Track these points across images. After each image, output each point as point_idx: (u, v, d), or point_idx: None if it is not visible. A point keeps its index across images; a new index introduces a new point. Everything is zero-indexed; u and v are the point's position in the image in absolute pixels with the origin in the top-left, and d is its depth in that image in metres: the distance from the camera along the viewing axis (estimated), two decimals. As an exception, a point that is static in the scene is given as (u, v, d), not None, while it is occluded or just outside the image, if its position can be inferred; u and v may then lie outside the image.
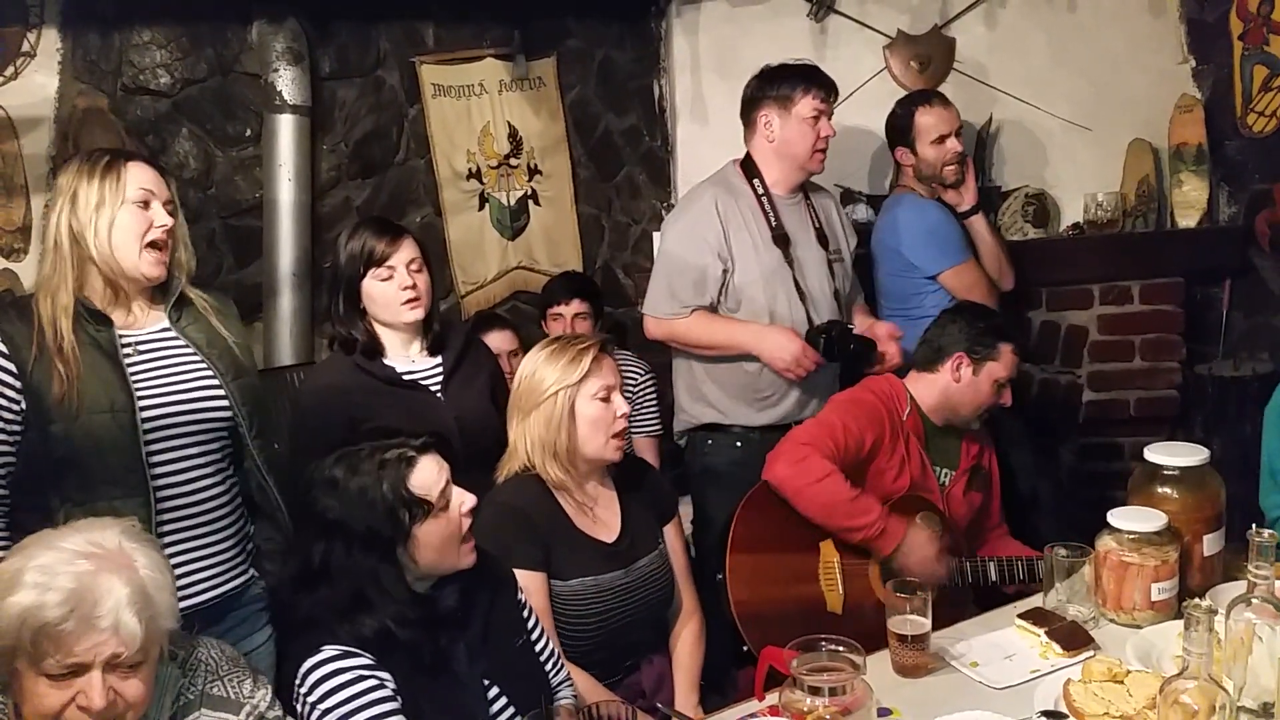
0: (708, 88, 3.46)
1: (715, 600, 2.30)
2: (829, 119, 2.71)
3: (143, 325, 1.93)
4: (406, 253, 2.26)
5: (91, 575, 1.35)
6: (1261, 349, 3.59)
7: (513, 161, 3.46)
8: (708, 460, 2.83)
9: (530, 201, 3.50)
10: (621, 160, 3.61)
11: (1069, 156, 3.52)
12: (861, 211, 3.47)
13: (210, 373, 1.95)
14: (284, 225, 3.13)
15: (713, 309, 2.71)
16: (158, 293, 1.97)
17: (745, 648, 2.21)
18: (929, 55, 3.47)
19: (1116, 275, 3.49)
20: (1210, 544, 2.02)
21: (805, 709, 1.54)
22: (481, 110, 3.42)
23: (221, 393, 1.95)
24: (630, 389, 3.18)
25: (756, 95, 2.73)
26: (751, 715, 1.70)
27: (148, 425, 1.85)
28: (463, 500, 1.71)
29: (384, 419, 2.05)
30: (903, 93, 3.28)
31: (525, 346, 2.90)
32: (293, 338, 3.15)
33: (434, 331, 2.34)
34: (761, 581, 2.30)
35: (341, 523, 1.63)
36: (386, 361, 2.28)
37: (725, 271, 2.68)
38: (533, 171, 3.48)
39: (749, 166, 2.76)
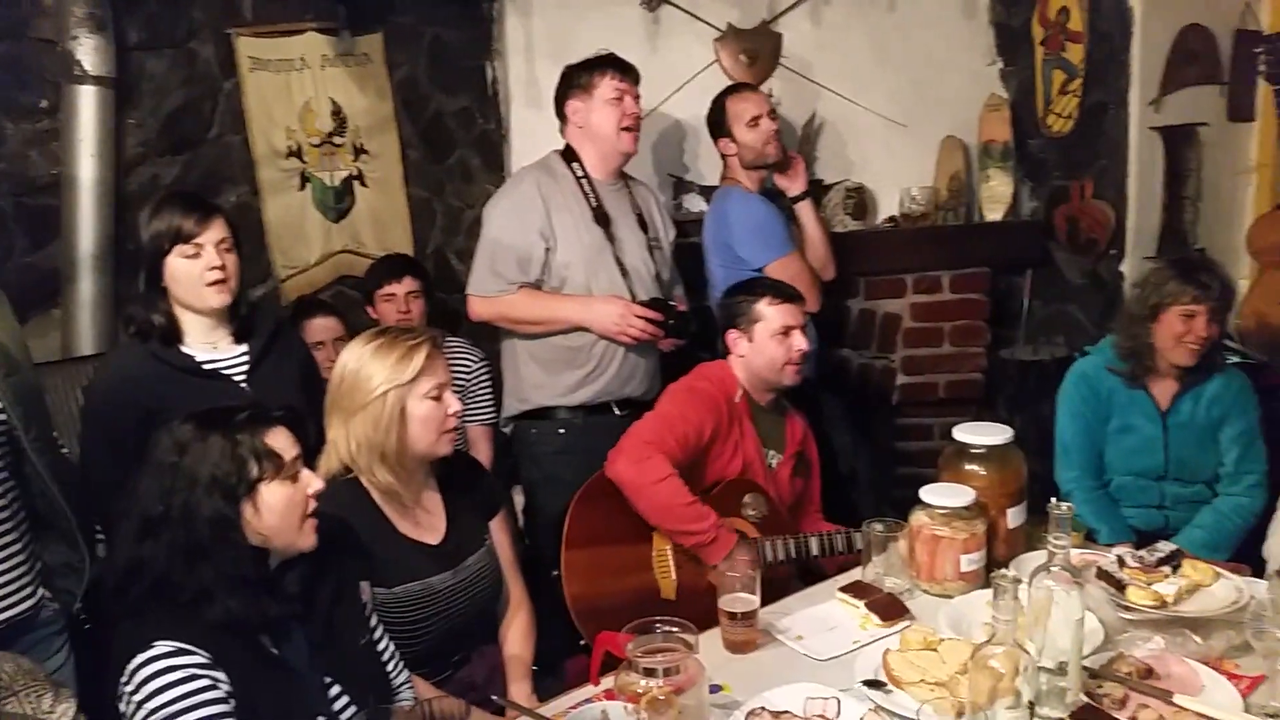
0: (542, 72, 3.43)
1: (551, 593, 2.29)
2: (635, 99, 2.82)
3: None
4: (217, 232, 2.13)
5: None
6: (1058, 334, 3.87)
7: (336, 140, 3.33)
8: (533, 449, 2.86)
9: (356, 182, 3.38)
10: (454, 142, 3.53)
11: (887, 152, 3.66)
12: (694, 202, 3.52)
13: None
14: (85, 204, 2.91)
15: (537, 288, 2.76)
16: None
17: (582, 642, 2.22)
18: (757, 50, 3.55)
19: (928, 265, 3.66)
20: (1014, 517, 2.16)
21: (640, 690, 1.55)
22: (303, 86, 3.28)
23: None
24: (464, 378, 3.13)
25: (562, 89, 2.86)
26: (587, 700, 1.71)
27: None
28: (310, 481, 1.65)
29: (181, 412, 1.93)
30: (733, 85, 3.35)
31: (352, 333, 2.81)
32: (94, 325, 2.93)
33: (240, 317, 2.21)
34: (596, 575, 2.31)
35: (187, 468, 1.56)
36: (185, 349, 2.15)
37: (548, 250, 2.75)
38: (358, 151, 3.36)
39: (569, 153, 2.85)
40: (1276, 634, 1.60)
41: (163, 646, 1.49)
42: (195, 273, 2.10)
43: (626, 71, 2.82)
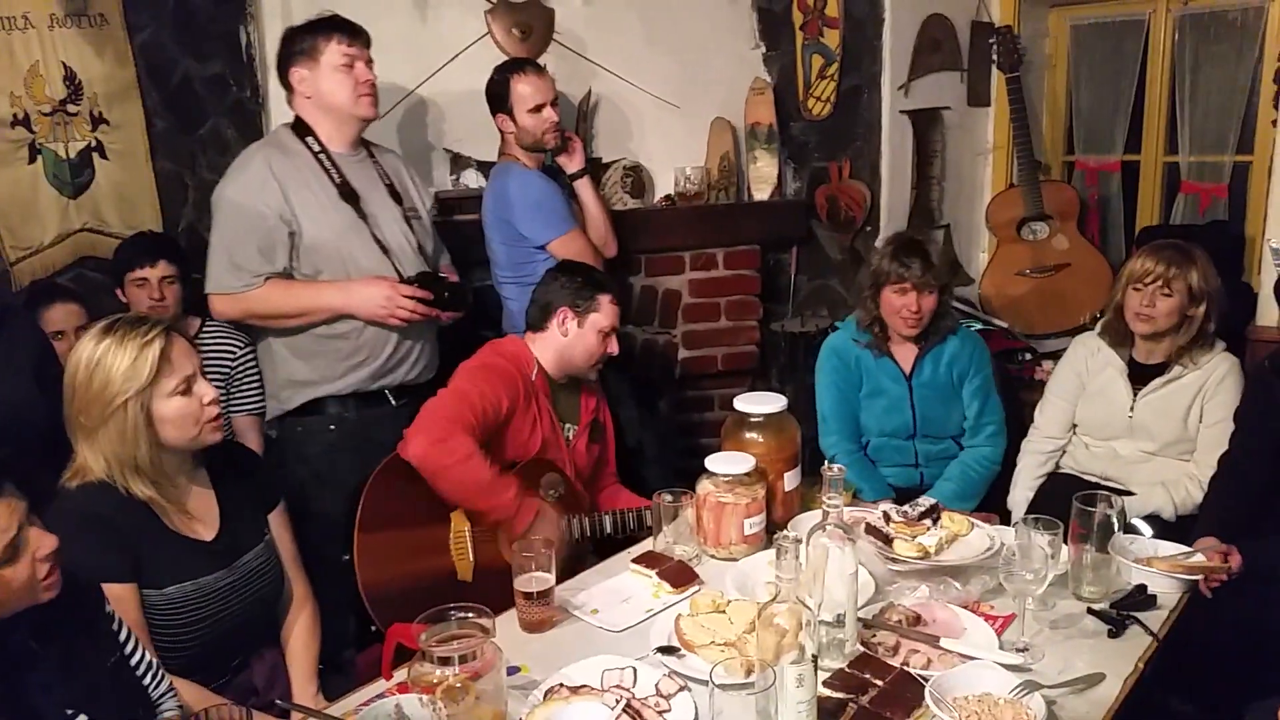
0: (303, 39, 3.24)
1: (340, 583, 2.19)
2: (367, 64, 2.64)
3: None
4: None
5: None
6: (822, 307, 4.10)
7: (71, 108, 3.01)
8: (302, 449, 2.67)
9: (95, 154, 3.08)
10: (206, 111, 3.28)
11: (661, 132, 3.72)
12: (471, 177, 3.45)
13: None
14: None
15: (287, 277, 2.57)
16: None
17: (374, 628, 2.14)
18: (530, 24, 3.50)
19: (704, 243, 3.76)
20: (790, 480, 2.26)
21: (435, 680, 1.51)
22: (28, 47, 2.94)
23: None
24: (228, 366, 2.92)
25: (283, 56, 2.64)
26: (379, 695, 1.64)
27: None
28: (40, 544, 1.42)
29: None
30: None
31: (97, 320, 2.57)
32: None
33: None
34: (391, 559, 2.23)
35: None
36: None
37: (292, 234, 2.55)
38: (97, 120, 3.06)
39: (300, 127, 2.65)
40: (1025, 576, 1.75)
41: None
42: None
43: (356, 35, 2.61)
